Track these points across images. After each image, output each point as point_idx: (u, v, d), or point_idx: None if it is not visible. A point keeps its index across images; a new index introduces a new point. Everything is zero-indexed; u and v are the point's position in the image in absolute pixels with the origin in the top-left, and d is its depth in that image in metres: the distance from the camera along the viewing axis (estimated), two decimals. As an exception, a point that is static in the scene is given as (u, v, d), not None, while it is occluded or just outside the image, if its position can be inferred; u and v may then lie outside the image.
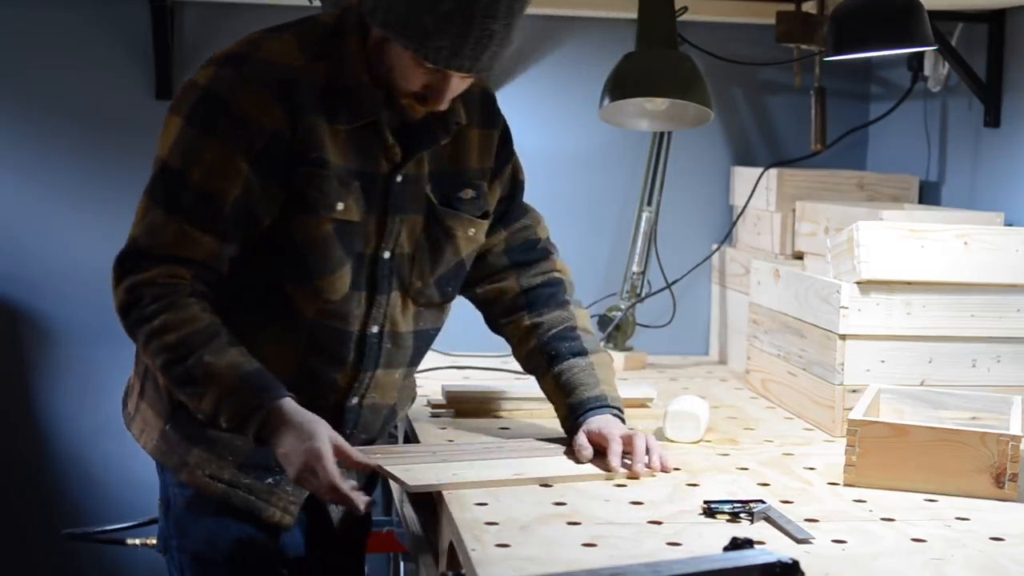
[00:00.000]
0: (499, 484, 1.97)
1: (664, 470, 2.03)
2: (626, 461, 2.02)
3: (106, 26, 3.13)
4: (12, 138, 3.14)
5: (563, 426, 2.16)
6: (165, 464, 2.04)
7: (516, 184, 2.24)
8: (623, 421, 2.11)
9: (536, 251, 2.24)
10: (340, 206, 1.93)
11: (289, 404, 1.86)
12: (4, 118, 3.14)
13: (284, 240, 1.94)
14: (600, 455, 2.03)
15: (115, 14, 3.13)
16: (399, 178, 2.00)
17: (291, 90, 1.88)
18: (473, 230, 2.11)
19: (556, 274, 2.25)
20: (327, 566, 2.17)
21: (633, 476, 1.99)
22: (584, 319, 2.23)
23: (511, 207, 2.22)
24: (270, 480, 2.01)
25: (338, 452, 1.84)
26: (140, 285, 1.87)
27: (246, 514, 2.01)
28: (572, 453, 2.09)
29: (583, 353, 2.16)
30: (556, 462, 2.09)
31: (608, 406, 2.11)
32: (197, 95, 1.90)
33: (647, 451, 2.02)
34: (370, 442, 2.12)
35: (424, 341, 2.16)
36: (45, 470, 3.24)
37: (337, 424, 1.97)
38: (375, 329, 2.05)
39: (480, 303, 2.29)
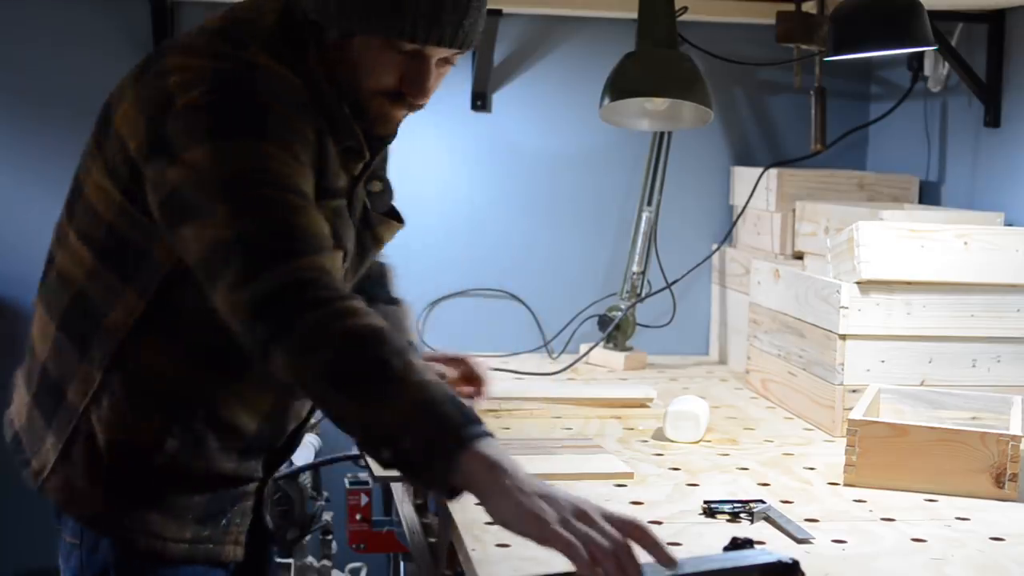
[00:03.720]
0: None
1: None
2: None
3: (106, 26, 3.13)
4: (12, 138, 3.14)
5: None
6: (107, 534, 1.74)
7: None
8: None
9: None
10: (351, 235, 1.78)
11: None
12: (4, 118, 3.14)
13: None
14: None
15: (115, 14, 3.13)
16: (355, 192, 1.81)
17: (310, 110, 1.66)
18: (392, 236, 1.94)
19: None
20: None
21: None
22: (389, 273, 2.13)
23: None
24: (224, 521, 1.80)
25: None
26: (300, 272, 1.51)
27: (206, 563, 1.80)
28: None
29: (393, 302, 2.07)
30: (550, 460, 2.10)
31: None
32: (213, 111, 1.58)
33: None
34: None
35: None
36: (45, 470, 3.24)
37: (291, 447, 1.90)
38: None
39: None
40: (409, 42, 1.65)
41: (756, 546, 1.66)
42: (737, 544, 1.64)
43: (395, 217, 1.92)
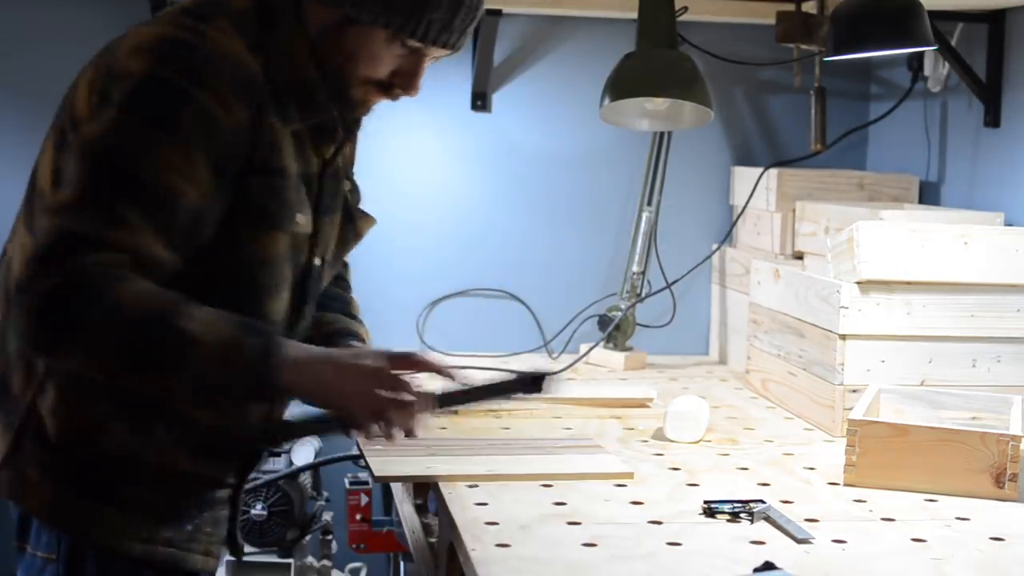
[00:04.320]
0: (470, 479, 1.99)
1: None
2: None
3: (106, 26, 3.12)
4: (10, 140, 3.14)
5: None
6: (65, 529, 1.72)
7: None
8: None
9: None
10: (301, 218, 1.74)
11: (292, 341, 1.64)
12: (3, 117, 3.14)
13: (231, 263, 1.69)
14: None
15: (115, 14, 3.13)
16: (328, 176, 1.81)
17: (252, 88, 1.65)
18: (368, 230, 1.94)
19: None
20: None
21: None
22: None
23: None
24: (189, 527, 1.77)
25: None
26: (80, 268, 1.55)
27: (170, 568, 1.76)
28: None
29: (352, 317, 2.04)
30: (550, 460, 2.11)
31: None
32: (140, 84, 1.62)
33: None
34: None
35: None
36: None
37: (259, 452, 1.88)
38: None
39: None
40: (418, 41, 1.69)
41: (757, 546, 1.66)
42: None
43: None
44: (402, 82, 1.74)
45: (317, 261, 1.81)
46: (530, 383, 1.74)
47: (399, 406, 1.62)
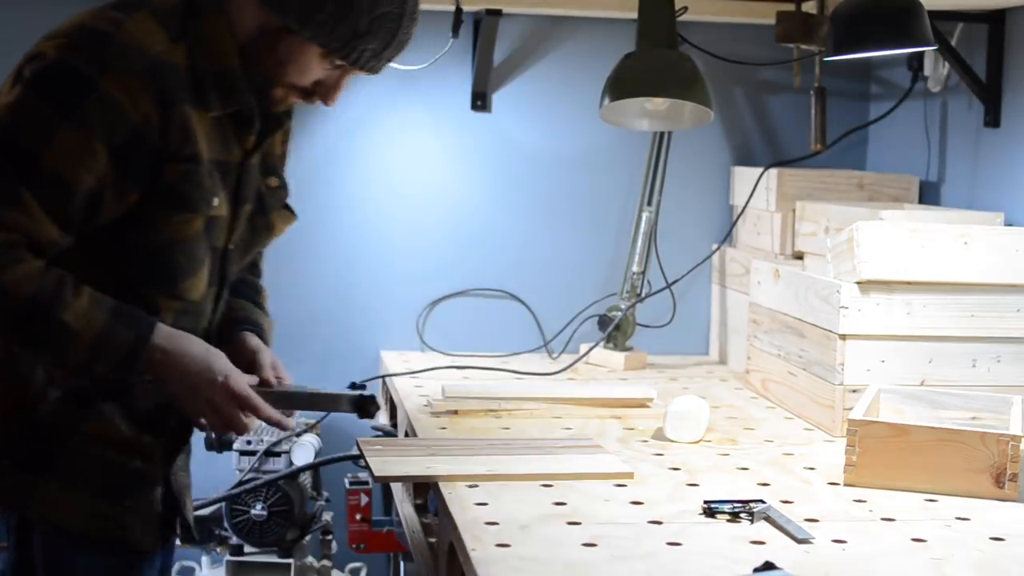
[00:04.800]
0: (470, 479, 1.99)
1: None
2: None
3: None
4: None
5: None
6: (9, 504, 1.80)
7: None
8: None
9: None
10: (216, 201, 1.80)
11: (164, 332, 1.75)
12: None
13: (146, 243, 1.77)
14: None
15: (115, 14, 3.13)
16: (247, 166, 1.89)
17: (162, 79, 1.71)
18: (287, 229, 2.01)
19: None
20: None
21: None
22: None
23: None
24: (129, 503, 1.83)
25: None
26: None
27: (109, 544, 1.83)
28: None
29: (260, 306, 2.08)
30: (550, 460, 2.11)
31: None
32: (49, 67, 1.69)
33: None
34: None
35: None
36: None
37: (184, 432, 1.92)
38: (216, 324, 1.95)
39: None
40: (348, 64, 1.80)
41: (757, 546, 1.66)
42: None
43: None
44: (323, 92, 1.84)
45: (231, 246, 1.90)
46: (349, 406, 1.90)
47: (227, 424, 1.80)
